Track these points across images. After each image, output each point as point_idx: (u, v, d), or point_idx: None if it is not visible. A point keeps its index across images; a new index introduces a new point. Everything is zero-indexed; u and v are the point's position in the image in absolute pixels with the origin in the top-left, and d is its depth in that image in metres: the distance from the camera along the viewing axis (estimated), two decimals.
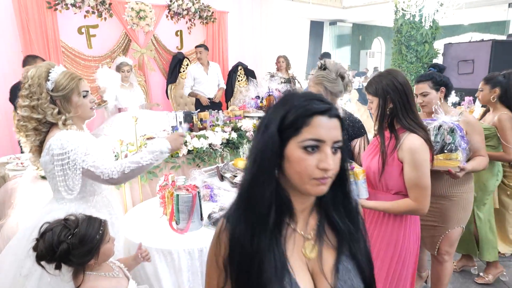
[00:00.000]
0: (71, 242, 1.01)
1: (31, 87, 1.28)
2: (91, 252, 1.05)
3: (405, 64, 4.04)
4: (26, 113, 1.29)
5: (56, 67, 1.34)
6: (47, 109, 1.29)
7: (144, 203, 2.09)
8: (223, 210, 1.73)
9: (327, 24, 10.61)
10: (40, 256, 1.02)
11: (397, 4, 3.94)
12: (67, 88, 1.31)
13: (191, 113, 3.03)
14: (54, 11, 3.80)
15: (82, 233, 1.04)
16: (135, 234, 1.67)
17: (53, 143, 1.27)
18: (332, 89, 1.64)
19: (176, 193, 1.66)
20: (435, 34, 3.98)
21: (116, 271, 1.19)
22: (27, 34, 3.67)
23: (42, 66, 1.33)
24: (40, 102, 1.28)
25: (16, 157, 2.55)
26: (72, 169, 1.27)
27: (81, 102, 1.36)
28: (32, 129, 1.31)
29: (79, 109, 1.37)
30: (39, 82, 1.28)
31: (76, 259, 1.03)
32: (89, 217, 1.11)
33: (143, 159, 1.34)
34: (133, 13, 4.27)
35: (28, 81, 1.29)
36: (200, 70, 4.42)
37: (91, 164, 1.28)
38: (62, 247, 1.00)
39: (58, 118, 1.30)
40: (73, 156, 1.27)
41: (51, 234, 1.02)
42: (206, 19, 5.14)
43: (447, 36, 9.03)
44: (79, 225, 1.06)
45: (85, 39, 4.21)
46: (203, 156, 2.67)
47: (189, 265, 1.55)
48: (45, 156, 1.30)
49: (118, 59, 3.81)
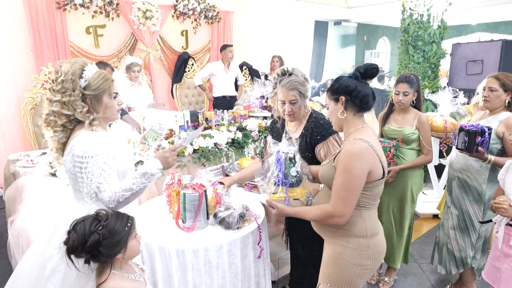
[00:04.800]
0: (102, 233, 1.05)
1: (64, 83, 1.27)
2: (119, 244, 1.09)
3: (412, 64, 4.01)
4: (57, 108, 1.28)
5: (90, 66, 1.33)
6: (78, 107, 1.28)
7: (150, 201, 2.11)
8: (229, 209, 1.74)
9: (331, 24, 10.56)
10: (71, 248, 1.05)
11: (404, 4, 3.91)
12: (100, 88, 1.30)
13: (197, 112, 3.05)
14: (63, 11, 3.85)
15: (112, 225, 1.08)
16: (141, 232, 1.68)
17: (76, 144, 1.27)
18: (305, 92, 1.75)
19: (182, 191, 1.67)
20: (443, 34, 3.94)
21: (138, 273, 1.22)
22: (37, 34, 3.72)
23: (77, 62, 1.31)
24: (72, 98, 1.27)
25: (26, 154, 2.59)
26: (88, 180, 1.26)
27: (111, 104, 1.36)
28: (61, 125, 1.30)
29: (107, 110, 1.36)
30: (73, 78, 1.27)
31: (106, 250, 1.06)
32: (118, 212, 1.15)
33: (134, 184, 1.30)
34: (139, 13, 4.31)
35: (62, 76, 1.28)
36: (221, 68, 4.66)
37: (97, 185, 1.27)
38: (93, 237, 1.03)
39: (87, 117, 1.29)
40: (92, 165, 1.25)
41: (82, 225, 1.06)
42: (212, 19, 5.17)
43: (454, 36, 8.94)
44: (109, 218, 1.10)
45: (92, 39, 4.26)
46: (208, 155, 2.68)
47: (193, 263, 1.56)
48: (66, 155, 1.30)
49: (128, 59, 3.84)
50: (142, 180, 1.31)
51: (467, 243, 2.15)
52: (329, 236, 1.40)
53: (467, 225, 2.15)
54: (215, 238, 1.63)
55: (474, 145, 1.89)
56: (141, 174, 1.32)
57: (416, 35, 3.93)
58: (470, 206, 2.11)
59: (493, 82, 1.99)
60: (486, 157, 1.91)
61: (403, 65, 4.11)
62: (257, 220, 1.76)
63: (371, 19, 10.99)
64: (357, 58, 12.12)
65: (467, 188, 2.11)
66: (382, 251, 1.39)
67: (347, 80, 1.34)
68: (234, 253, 1.64)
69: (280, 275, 2.47)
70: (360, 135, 1.30)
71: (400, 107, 2.23)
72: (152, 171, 1.33)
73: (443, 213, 2.35)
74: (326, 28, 10.35)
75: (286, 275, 2.44)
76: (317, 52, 9.80)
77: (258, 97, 3.79)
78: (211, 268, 1.59)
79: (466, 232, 2.15)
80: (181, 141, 1.54)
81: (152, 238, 1.60)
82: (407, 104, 2.20)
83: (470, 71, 3.86)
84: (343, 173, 1.25)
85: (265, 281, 1.84)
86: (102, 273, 1.12)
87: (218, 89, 4.75)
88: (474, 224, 2.11)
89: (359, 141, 1.27)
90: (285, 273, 2.46)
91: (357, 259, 1.33)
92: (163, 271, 1.57)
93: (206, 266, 1.58)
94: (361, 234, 1.32)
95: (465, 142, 1.92)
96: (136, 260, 1.33)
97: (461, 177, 2.13)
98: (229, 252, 1.62)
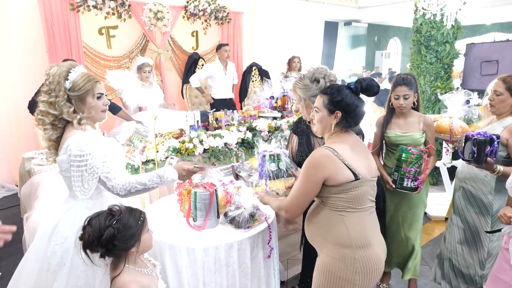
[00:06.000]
0: (116, 227, 1.08)
1: (51, 84, 1.34)
2: (133, 237, 1.12)
3: (424, 64, 3.95)
4: (44, 108, 1.35)
5: (77, 68, 1.39)
6: (64, 107, 1.34)
7: (161, 200, 2.13)
8: (240, 209, 1.74)
9: (341, 25, 10.50)
10: (87, 243, 1.08)
11: (417, 3, 3.86)
12: (82, 89, 1.35)
13: (207, 112, 3.07)
14: (77, 12, 3.92)
15: (126, 220, 1.12)
16: (152, 229, 1.70)
17: (71, 144, 1.32)
18: (303, 95, 1.72)
19: (194, 190, 1.68)
20: (457, 34, 3.87)
21: (150, 269, 1.25)
22: (52, 35, 3.80)
23: (64, 65, 1.38)
24: (58, 99, 1.34)
25: (41, 152, 2.64)
26: (90, 173, 1.33)
27: (94, 104, 1.41)
28: (49, 123, 1.37)
29: (92, 110, 1.41)
30: (59, 80, 1.34)
31: (120, 243, 1.09)
32: (130, 207, 1.19)
33: (149, 182, 1.41)
34: (151, 14, 4.36)
35: (49, 78, 1.35)
36: (219, 69, 4.43)
37: (105, 174, 1.35)
38: (109, 231, 1.07)
39: (74, 117, 1.36)
40: (91, 161, 1.32)
41: (97, 220, 1.09)
42: (222, 20, 5.19)
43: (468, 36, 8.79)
44: (123, 212, 1.13)
45: (105, 39, 4.33)
46: (218, 155, 2.70)
47: (204, 261, 1.57)
48: (62, 155, 1.35)
49: (139, 60, 3.88)
50: (157, 181, 1.43)
51: (475, 260, 1.98)
52: (316, 244, 1.39)
53: (474, 240, 1.99)
54: (225, 237, 1.63)
55: (484, 155, 1.70)
56: (157, 175, 1.43)
57: (428, 35, 3.87)
58: (477, 219, 1.96)
59: (499, 85, 1.85)
60: (495, 168, 1.75)
61: (415, 65, 4.06)
62: (267, 220, 1.76)
63: (382, 19, 10.90)
64: (368, 59, 12.02)
65: (471, 199, 1.97)
66: (373, 266, 1.29)
67: (350, 96, 1.31)
68: (244, 252, 1.64)
69: (289, 275, 2.46)
70: (330, 143, 1.33)
71: (401, 111, 2.09)
72: (168, 178, 1.46)
73: (446, 226, 2.20)
74: (336, 28, 10.31)
75: (295, 276, 2.43)
76: (326, 53, 9.76)
77: (268, 98, 3.79)
78: (221, 267, 1.60)
79: (474, 247, 1.99)
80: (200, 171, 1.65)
81: (163, 236, 1.61)
82: (409, 107, 2.07)
83: (484, 72, 3.78)
84: (301, 177, 1.33)
85: (274, 280, 1.84)
86: (116, 267, 1.14)
87: (218, 92, 4.48)
88: (482, 239, 1.95)
89: (321, 149, 1.30)
90: (294, 274, 2.46)
91: (344, 273, 1.27)
92: (173, 268, 1.58)
93: (216, 265, 1.59)
94: (345, 243, 1.28)
95: (473, 152, 1.72)
96: (147, 256, 1.34)
97: (466, 188, 1.99)
98: (239, 251, 1.62)
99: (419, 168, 1.98)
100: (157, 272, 1.29)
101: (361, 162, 1.31)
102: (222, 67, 4.43)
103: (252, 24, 5.88)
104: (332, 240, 1.31)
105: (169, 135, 2.74)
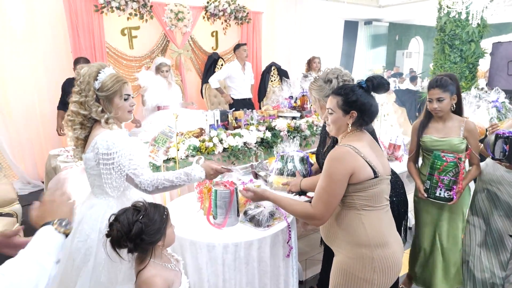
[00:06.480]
0: (144, 221, 1.12)
1: (81, 84, 1.39)
2: (160, 231, 1.16)
3: (448, 64, 3.84)
4: (75, 108, 1.40)
5: (107, 69, 1.43)
6: (93, 107, 1.39)
7: (181, 197, 2.17)
8: (259, 207, 1.75)
9: (361, 24, 10.34)
10: (116, 238, 1.11)
11: (441, 1, 3.75)
12: (111, 90, 1.40)
13: (226, 111, 3.10)
14: (101, 14, 4.04)
15: (152, 215, 1.15)
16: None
17: (99, 142, 1.36)
18: (318, 95, 1.74)
19: (214, 188, 1.70)
20: (483, 32, 3.74)
21: (174, 264, 1.28)
22: (76, 36, 3.93)
23: (94, 66, 1.43)
24: (87, 99, 1.39)
25: (66, 149, 2.74)
26: (117, 171, 1.37)
27: (121, 104, 1.45)
28: (78, 123, 1.42)
29: (118, 111, 1.45)
30: (89, 80, 1.39)
31: (148, 237, 1.12)
32: (154, 203, 1.22)
33: (177, 179, 1.44)
34: (172, 15, 4.44)
35: (80, 78, 1.40)
36: (238, 69, 4.44)
37: (132, 171, 1.39)
38: (137, 226, 1.10)
39: (102, 116, 1.40)
40: (118, 159, 1.36)
41: (125, 216, 1.13)
42: (241, 20, 5.22)
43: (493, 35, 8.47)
44: (148, 208, 1.17)
45: (127, 40, 4.43)
46: (237, 154, 2.72)
47: (224, 258, 1.59)
48: (89, 153, 1.40)
49: (158, 60, 3.95)
50: (184, 178, 1.46)
51: (494, 263, 1.95)
52: (333, 244, 1.38)
53: (495, 243, 1.95)
54: (245, 235, 1.64)
55: None
56: (185, 173, 1.46)
57: (453, 33, 3.77)
58: (500, 222, 1.92)
59: None
60: None
61: (438, 65, 3.96)
62: (287, 219, 1.76)
63: (403, 18, 10.65)
64: (388, 59, 11.78)
65: (497, 202, 1.93)
66: (392, 265, 1.28)
67: (364, 95, 1.30)
68: (263, 251, 1.65)
69: (308, 275, 2.45)
70: (348, 141, 1.31)
71: (437, 115, 1.95)
72: (196, 177, 1.48)
73: (463, 231, 2.11)
74: (356, 28, 10.16)
75: (313, 276, 2.42)
76: (346, 53, 9.65)
77: (287, 97, 3.78)
78: (241, 264, 1.61)
79: (493, 250, 1.96)
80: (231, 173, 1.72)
81: (184, 232, 1.64)
82: (446, 110, 1.92)
83: None
84: (325, 177, 1.28)
85: (293, 280, 1.84)
86: (142, 261, 1.17)
87: (238, 92, 4.47)
88: (505, 243, 1.92)
89: (342, 146, 1.29)
90: (313, 274, 2.44)
91: (362, 272, 1.26)
92: (194, 264, 1.61)
93: (236, 262, 1.60)
94: (362, 242, 1.27)
95: (504, 150, 1.72)
96: (170, 251, 1.37)
97: (491, 190, 1.94)
98: (259, 249, 1.63)
99: (455, 177, 1.86)
100: (180, 267, 1.31)
101: (378, 160, 1.31)
102: (240, 67, 4.45)
103: (272, 24, 5.88)
104: (349, 240, 1.30)
105: (189, 134, 2.78)
